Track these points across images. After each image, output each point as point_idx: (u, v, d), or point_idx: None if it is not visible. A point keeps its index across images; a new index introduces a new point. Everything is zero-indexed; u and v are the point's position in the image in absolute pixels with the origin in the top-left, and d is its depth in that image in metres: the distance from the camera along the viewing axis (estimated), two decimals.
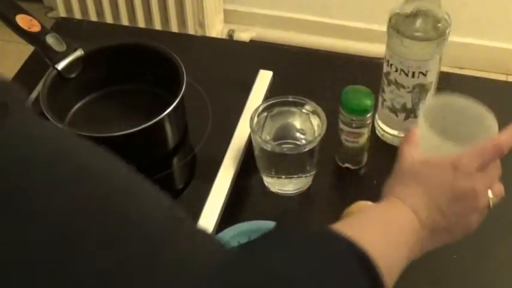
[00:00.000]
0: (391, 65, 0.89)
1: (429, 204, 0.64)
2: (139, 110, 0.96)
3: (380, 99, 0.95)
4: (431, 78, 0.89)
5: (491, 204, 0.69)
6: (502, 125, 1.00)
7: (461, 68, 2.17)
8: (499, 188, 0.69)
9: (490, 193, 0.68)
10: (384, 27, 0.89)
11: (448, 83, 1.08)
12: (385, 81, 0.92)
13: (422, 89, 0.90)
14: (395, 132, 0.96)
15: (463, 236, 0.71)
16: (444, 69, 0.94)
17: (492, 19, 2.14)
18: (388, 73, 0.90)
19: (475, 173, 0.66)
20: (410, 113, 0.93)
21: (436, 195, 0.65)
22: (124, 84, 1.00)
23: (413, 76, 0.88)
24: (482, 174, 0.67)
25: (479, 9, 2.11)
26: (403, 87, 0.90)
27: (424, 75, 0.88)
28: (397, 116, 0.93)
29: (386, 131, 0.96)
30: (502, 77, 2.19)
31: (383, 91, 0.93)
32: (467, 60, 2.18)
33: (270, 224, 0.79)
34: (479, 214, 0.68)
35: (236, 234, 0.78)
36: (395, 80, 0.90)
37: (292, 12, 2.29)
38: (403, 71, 0.88)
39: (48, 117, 0.86)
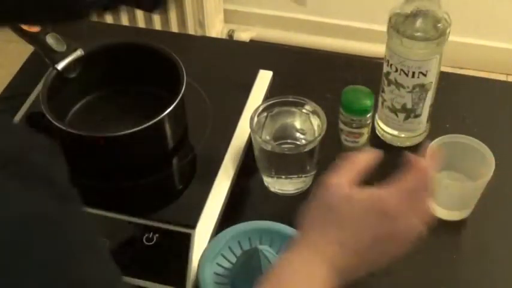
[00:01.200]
0: (391, 65, 0.89)
1: (347, 253, 0.61)
2: (140, 110, 0.96)
3: (380, 99, 0.94)
4: (431, 78, 0.89)
5: (421, 231, 0.64)
6: (503, 126, 1.00)
7: (461, 68, 2.17)
8: (428, 214, 0.64)
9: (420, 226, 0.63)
10: (384, 27, 0.89)
11: (448, 83, 1.08)
12: (385, 81, 0.91)
13: (422, 89, 0.89)
14: (395, 132, 0.96)
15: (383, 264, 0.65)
16: (444, 69, 0.94)
17: (492, 19, 2.14)
18: (388, 73, 0.90)
19: (400, 211, 0.62)
20: (410, 113, 0.92)
21: (356, 242, 0.62)
22: (124, 84, 1.00)
23: (413, 76, 0.88)
24: (409, 210, 0.63)
25: (479, 9, 2.11)
26: (403, 87, 0.89)
27: (424, 75, 0.88)
28: (397, 116, 0.93)
29: (386, 131, 0.96)
30: (502, 77, 2.19)
31: (383, 91, 0.93)
32: (467, 60, 2.18)
33: (270, 224, 0.79)
34: (399, 248, 0.64)
35: (236, 234, 0.78)
36: (395, 80, 0.89)
37: (292, 12, 2.29)
38: (403, 71, 0.88)
39: (48, 117, 0.86)
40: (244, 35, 2.30)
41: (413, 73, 0.87)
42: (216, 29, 2.23)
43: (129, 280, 0.79)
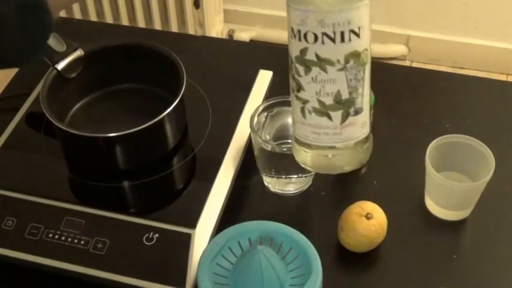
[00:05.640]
0: (305, 34, 0.61)
1: None
2: (139, 110, 0.96)
3: (295, 110, 0.66)
4: (366, 42, 0.62)
5: None
6: (503, 126, 1.00)
7: (461, 68, 2.17)
8: None
9: None
10: (384, 28, 0.88)
11: (448, 83, 1.08)
12: (301, 70, 0.63)
13: (357, 61, 0.62)
14: (328, 153, 0.67)
15: None
16: (444, 69, 0.94)
17: (492, 19, 2.14)
18: (303, 51, 0.62)
19: None
20: (348, 107, 0.64)
21: None
22: (124, 84, 1.00)
23: (342, 39, 0.60)
24: None
25: (479, 9, 2.11)
26: (331, 63, 0.61)
27: (357, 35, 0.61)
28: (330, 118, 0.64)
29: (319, 147, 0.68)
30: (502, 77, 2.19)
31: (298, 90, 0.65)
32: (467, 60, 2.18)
33: (270, 224, 0.79)
34: None
35: (236, 234, 0.78)
36: (318, 56, 0.61)
37: None
38: (327, 35, 0.60)
39: (48, 117, 0.86)
40: (244, 35, 2.30)
41: (343, 34, 0.60)
42: (216, 29, 2.23)
43: (129, 280, 0.79)
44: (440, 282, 0.81)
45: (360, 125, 0.66)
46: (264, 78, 1.04)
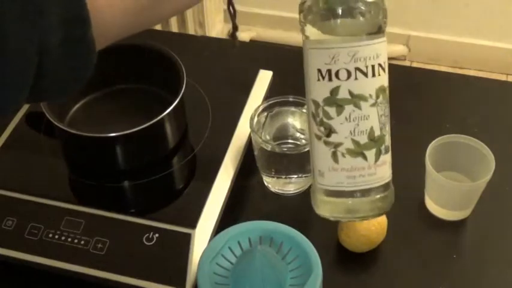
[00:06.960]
0: (337, 72, 0.60)
1: None
2: (140, 110, 0.96)
3: (325, 152, 0.63)
4: (387, 78, 0.62)
5: None
6: (503, 126, 1.00)
7: (461, 68, 2.17)
8: None
9: None
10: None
11: (448, 83, 1.08)
12: (331, 111, 0.61)
13: (384, 96, 0.62)
14: (347, 204, 0.64)
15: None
16: (444, 69, 0.94)
17: (492, 19, 2.14)
18: (335, 90, 0.60)
19: None
20: (380, 144, 0.62)
21: None
22: (124, 84, 1.00)
23: (373, 74, 0.60)
24: None
25: (479, 9, 2.11)
26: (364, 98, 0.60)
27: (383, 69, 0.61)
28: (365, 158, 0.62)
29: (354, 191, 0.64)
30: (502, 77, 2.19)
31: (328, 135, 0.62)
32: (467, 60, 2.18)
33: (270, 224, 0.79)
34: None
35: (236, 234, 0.78)
36: (352, 93, 0.60)
37: (292, 12, 2.29)
38: (360, 70, 0.59)
39: (48, 117, 0.86)
40: (244, 35, 2.30)
41: (373, 68, 0.60)
42: (216, 29, 2.23)
43: (129, 280, 0.79)
44: (440, 282, 0.81)
45: (389, 165, 0.64)
46: (264, 78, 1.04)
